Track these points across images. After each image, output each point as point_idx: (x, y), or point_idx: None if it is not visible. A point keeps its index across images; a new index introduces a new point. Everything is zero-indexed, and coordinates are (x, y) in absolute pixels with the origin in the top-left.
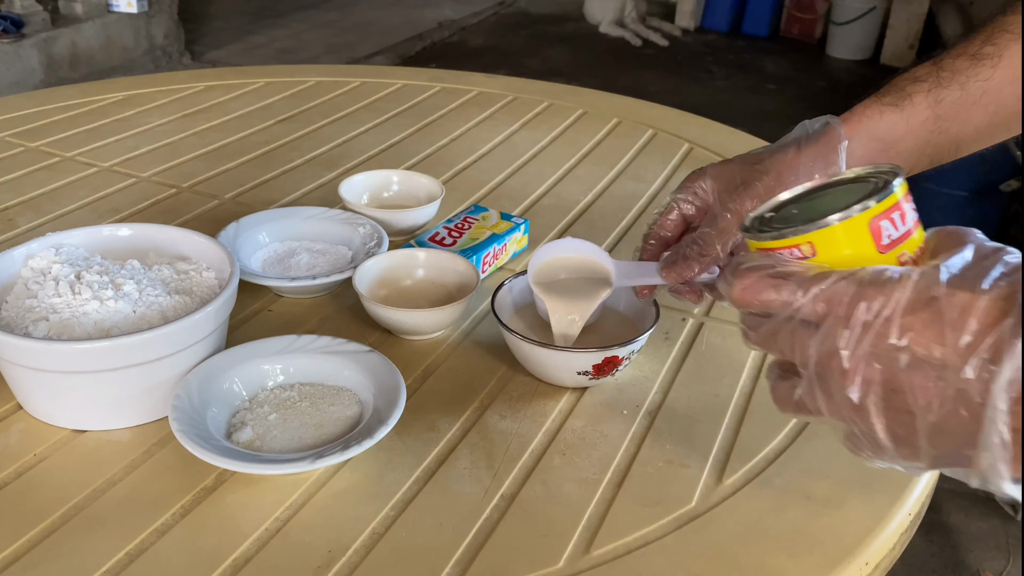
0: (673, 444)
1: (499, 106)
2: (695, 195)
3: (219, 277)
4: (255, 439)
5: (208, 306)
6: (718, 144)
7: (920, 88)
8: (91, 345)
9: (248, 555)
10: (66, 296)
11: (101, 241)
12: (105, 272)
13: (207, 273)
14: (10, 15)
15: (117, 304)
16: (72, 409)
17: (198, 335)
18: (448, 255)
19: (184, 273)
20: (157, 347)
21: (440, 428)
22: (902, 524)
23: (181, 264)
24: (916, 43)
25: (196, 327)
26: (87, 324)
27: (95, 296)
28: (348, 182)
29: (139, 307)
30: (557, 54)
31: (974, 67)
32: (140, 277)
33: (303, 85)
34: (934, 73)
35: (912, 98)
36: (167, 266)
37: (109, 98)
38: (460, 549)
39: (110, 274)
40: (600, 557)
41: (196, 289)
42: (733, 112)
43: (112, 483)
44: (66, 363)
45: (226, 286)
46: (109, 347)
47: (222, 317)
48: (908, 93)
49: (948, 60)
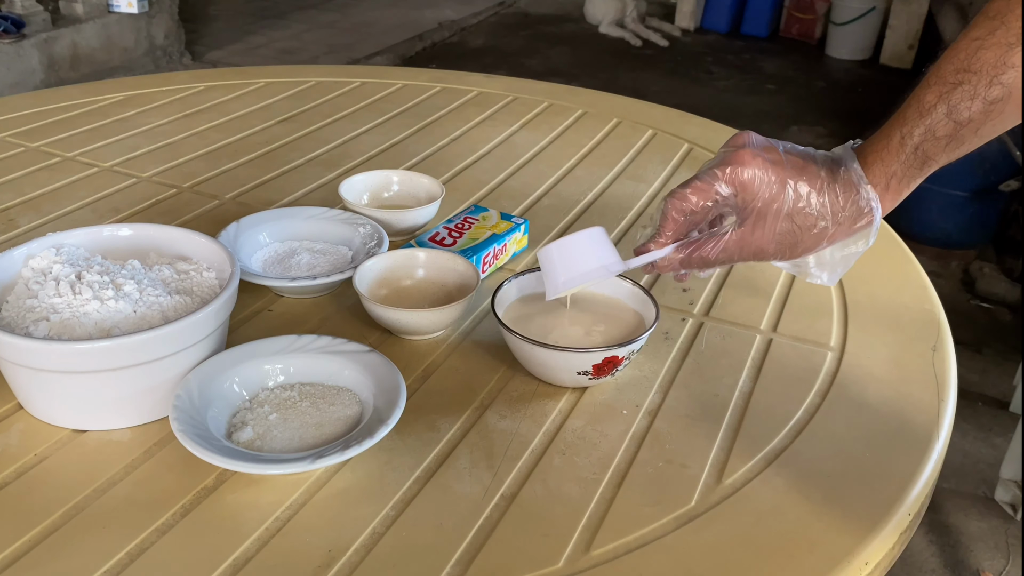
0: (673, 444)
1: (499, 106)
2: (734, 185)
3: (220, 277)
4: (255, 439)
5: (209, 306)
6: (718, 144)
7: (938, 146)
8: (92, 345)
9: (248, 555)
10: (67, 296)
11: (101, 241)
12: (106, 272)
13: (207, 273)
14: (11, 15)
15: (118, 304)
16: (73, 409)
17: (199, 335)
18: (448, 255)
19: (184, 273)
20: (158, 347)
21: (440, 428)
22: (901, 524)
23: (181, 264)
24: (916, 43)
25: (197, 327)
26: (88, 324)
27: (96, 296)
28: (348, 182)
29: (140, 307)
30: (557, 54)
31: (988, 115)
32: (140, 277)
33: (303, 85)
34: (953, 131)
35: (935, 159)
36: (167, 266)
37: (110, 98)
38: (460, 549)
39: (111, 274)
40: (600, 557)
41: (196, 289)
42: (733, 112)
43: (113, 483)
44: (67, 363)
45: (227, 286)
46: (110, 347)
47: (223, 317)
48: (929, 156)
49: (964, 106)
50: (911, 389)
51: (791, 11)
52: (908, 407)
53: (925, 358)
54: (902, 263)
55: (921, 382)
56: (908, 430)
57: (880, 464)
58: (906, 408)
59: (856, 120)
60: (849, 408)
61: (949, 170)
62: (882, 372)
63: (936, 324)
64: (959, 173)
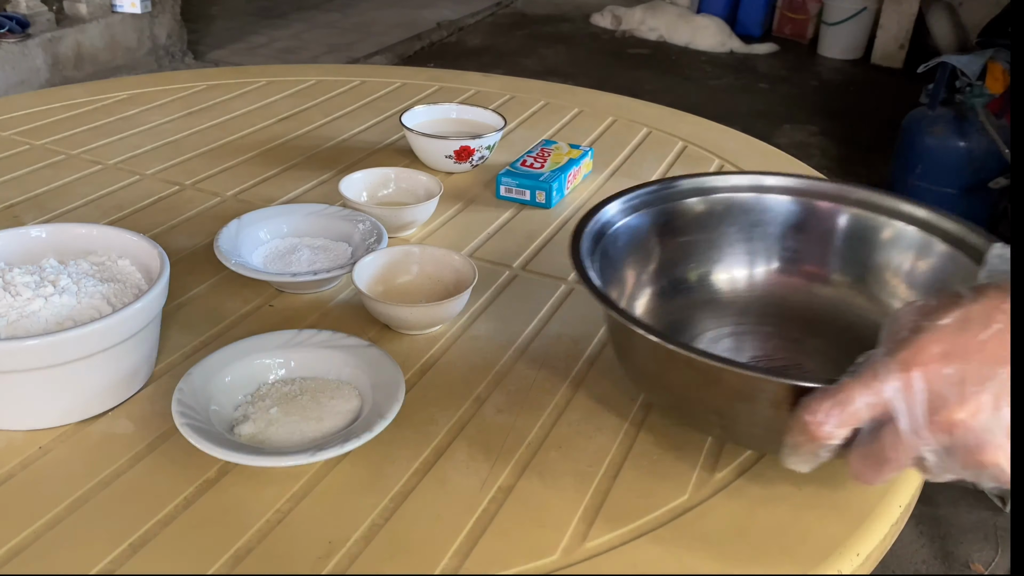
0: (667, 437)
1: (496, 105)
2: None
3: (135, 263)
4: (257, 432)
5: (162, 276)
6: (712, 142)
7: None
8: (92, 327)
9: (250, 546)
10: (5, 300)
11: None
12: (31, 272)
13: (122, 261)
14: (16, 15)
15: (62, 298)
16: (36, 410)
17: (159, 305)
18: (444, 252)
19: (100, 264)
20: (133, 324)
21: (438, 421)
22: (892, 515)
23: (93, 257)
24: (906, 43)
25: (161, 295)
26: (41, 321)
27: (37, 295)
28: (348, 179)
29: (83, 297)
30: (553, 54)
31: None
32: (66, 272)
33: (304, 84)
34: None
35: None
36: (82, 260)
37: (113, 97)
38: (458, 540)
39: (40, 273)
40: (595, 548)
41: (120, 276)
42: (726, 111)
43: (116, 475)
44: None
45: (159, 276)
46: (88, 332)
47: (165, 285)
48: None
49: None
50: None
51: (783, 11)
52: None
53: None
54: None
55: None
56: None
57: None
58: None
59: (847, 119)
60: None
61: (940, 168)
62: None
63: None
64: (949, 171)
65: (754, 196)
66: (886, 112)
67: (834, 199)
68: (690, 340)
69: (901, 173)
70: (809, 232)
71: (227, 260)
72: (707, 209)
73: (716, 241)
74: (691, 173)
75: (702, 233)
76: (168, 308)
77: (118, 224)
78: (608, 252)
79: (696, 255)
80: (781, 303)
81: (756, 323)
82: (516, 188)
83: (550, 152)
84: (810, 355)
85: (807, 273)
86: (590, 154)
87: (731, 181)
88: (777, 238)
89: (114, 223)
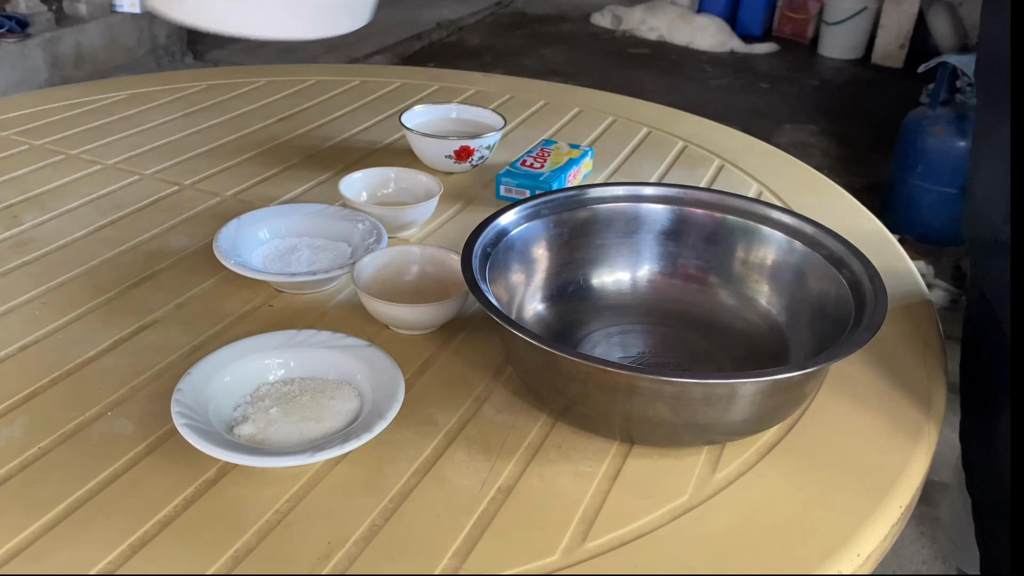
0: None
1: (496, 104)
2: None
3: None
4: (256, 433)
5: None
6: (712, 142)
7: None
8: None
9: (249, 546)
10: None
11: None
12: None
13: None
14: (15, 15)
15: None
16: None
17: None
18: (444, 252)
19: None
20: None
21: (438, 421)
22: (893, 516)
23: None
24: (907, 43)
25: None
26: None
27: None
28: (348, 179)
29: None
30: (553, 54)
31: None
32: None
33: (303, 84)
34: None
35: None
36: None
37: (112, 97)
38: (458, 541)
39: None
40: (595, 549)
41: None
42: (726, 110)
43: (115, 475)
44: None
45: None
46: None
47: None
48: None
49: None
50: (902, 384)
51: (784, 11)
52: (900, 401)
53: (916, 353)
54: (893, 259)
55: (912, 377)
56: (899, 424)
57: (872, 457)
58: (898, 402)
59: (847, 119)
60: (841, 402)
61: (939, 168)
62: (874, 367)
63: (927, 319)
64: (949, 170)
65: (632, 206)
66: (886, 112)
67: (708, 207)
68: (579, 341)
69: (901, 173)
70: (685, 237)
71: (226, 260)
72: (591, 217)
73: (602, 248)
74: (577, 186)
75: (589, 240)
76: (167, 308)
77: (117, 224)
78: (499, 261)
79: (584, 261)
80: (664, 303)
81: (642, 322)
82: (516, 188)
83: (550, 152)
84: (690, 350)
85: (685, 275)
86: (590, 154)
87: (612, 192)
88: (657, 244)
89: (114, 223)
